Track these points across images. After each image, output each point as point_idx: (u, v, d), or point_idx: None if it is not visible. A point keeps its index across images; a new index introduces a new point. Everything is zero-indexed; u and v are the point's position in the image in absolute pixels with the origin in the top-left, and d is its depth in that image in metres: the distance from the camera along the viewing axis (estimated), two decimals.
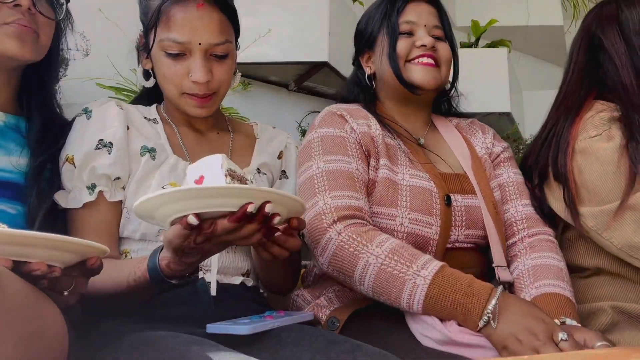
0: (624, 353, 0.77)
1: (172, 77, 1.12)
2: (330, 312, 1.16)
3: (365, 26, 1.38)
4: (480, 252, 1.25)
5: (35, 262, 0.73)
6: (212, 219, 0.81)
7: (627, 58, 1.26)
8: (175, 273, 0.92)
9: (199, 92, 1.11)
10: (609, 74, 1.28)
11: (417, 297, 1.00)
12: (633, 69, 1.25)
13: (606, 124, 1.20)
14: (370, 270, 1.04)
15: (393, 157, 1.23)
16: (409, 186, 1.19)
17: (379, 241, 1.06)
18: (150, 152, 1.14)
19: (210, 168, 0.83)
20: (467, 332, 0.98)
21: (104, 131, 1.11)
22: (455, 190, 1.23)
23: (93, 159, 1.09)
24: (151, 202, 0.82)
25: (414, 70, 1.28)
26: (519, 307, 0.97)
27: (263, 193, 0.82)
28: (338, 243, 1.07)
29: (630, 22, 1.28)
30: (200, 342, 0.88)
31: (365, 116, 1.27)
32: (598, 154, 1.18)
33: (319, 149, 1.21)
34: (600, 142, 1.18)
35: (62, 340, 0.80)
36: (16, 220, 1.04)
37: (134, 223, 1.10)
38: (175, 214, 0.82)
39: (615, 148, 1.16)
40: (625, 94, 1.23)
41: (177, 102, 1.15)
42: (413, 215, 1.17)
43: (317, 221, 1.11)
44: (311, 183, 1.17)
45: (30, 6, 1.05)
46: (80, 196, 1.09)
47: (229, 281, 1.14)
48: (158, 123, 1.20)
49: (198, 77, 1.09)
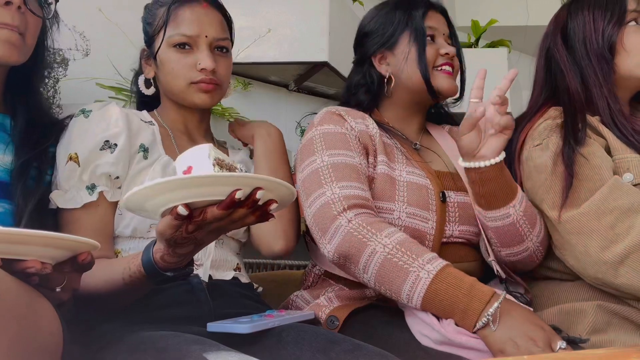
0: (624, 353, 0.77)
1: (180, 69, 1.19)
2: (329, 311, 1.16)
3: (382, 26, 1.34)
4: (476, 247, 1.27)
5: (29, 260, 0.73)
6: (202, 208, 0.82)
7: (571, 64, 1.28)
8: (170, 265, 0.91)
9: (206, 78, 1.19)
10: (558, 79, 1.31)
11: (419, 289, 1.01)
12: (577, 76, 1.27)
13: (548, 132, 1.21)
14: (375, 259, 1.05)
15: (390, 154, 1.25)
16: (406, 182, 1.20)
17: (388, 232, 1.07)
18: (144, 152, 1.16)
19: (198, 158, 0.83)
20: (464, 334, 0.98)
21: (108, 131, 1.13)
22: (449, 188, 1.25)
23: (97, 159, 1.10)
24: (140, 194, 0.82)
25: (440, 77, 1.29)
26: (519, 313, 0.97)
27: (250, 180, 0.82)
28: (348, 230, 1.08)
29: (576, 28, 1.30)
30: (201, 342, 0.89)
31: (362, 116, 1.28)
32: (535, 162, 1.20)
33: (322, 144, 1.21)
34: (538, 151, 1.20)
35: (57, 338, 0.80)
36: (4, 218, 1.03)
37: (125, 219, 1.11)
38: (165, 205, 0.82)
39: (550, 157, 1.17)
40: (569, 100, 1.25)
41: (184, 94, 1.21)
42: (410, 210, 1.18)
43: (326, 210, 1.11)
44: (316, 175, 1.17)
45: (21, 4, 1.05)
46: (80, 196, 1.09)
47: (221, 277, 1.15)
48: (154, 125, 1.23)
49: (207, 64, 1.18)
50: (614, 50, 1.26)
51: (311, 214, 1.14)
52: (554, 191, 1.16)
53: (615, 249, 1.06)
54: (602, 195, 1.11)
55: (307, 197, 1.17)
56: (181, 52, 1.20)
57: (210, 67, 1.18)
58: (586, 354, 0.85)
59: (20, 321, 0.70)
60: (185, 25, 1.19)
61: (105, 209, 1.11)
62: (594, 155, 1.16)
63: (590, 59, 1.27)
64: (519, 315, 0.97)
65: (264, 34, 1.83)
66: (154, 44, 1.23)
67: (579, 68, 1.28)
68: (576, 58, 1.29)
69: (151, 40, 1.24)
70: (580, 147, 1.16)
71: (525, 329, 0.94)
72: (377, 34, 1.35)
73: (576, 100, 1.25)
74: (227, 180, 0.81)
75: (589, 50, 1.27)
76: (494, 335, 0.95)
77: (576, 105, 1.24)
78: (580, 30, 1.30)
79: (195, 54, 1.20)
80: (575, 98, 1.25)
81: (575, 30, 1.31)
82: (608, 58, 1.25)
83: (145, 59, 1.27)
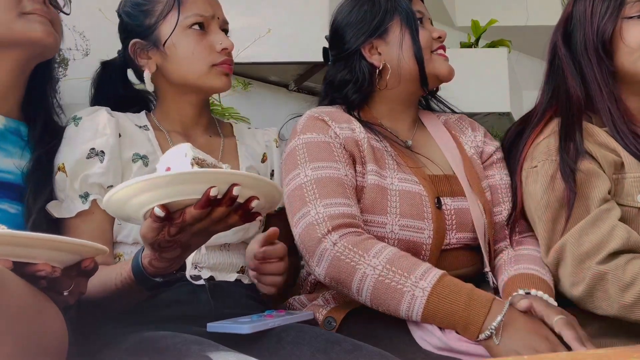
0: (624, 353, 0.77)
1: (201, 50, 1.17)
2: (327, 311, 1.15)
3: (367, 15, 1.28)
4: (474, 250, 1.24)
5: (40, 264, 0.73)
6: (181, 209, 0.80)
7: (571, 63, 1.21)
8: (159, 271, 0.90)
9: (228, 59, 1.18)
10: (559, 79, 1.24)
11: (416, 308, 0.99)
12: (577, 76, 1.20)
13: (546, 155, 1.17)
14: (367, 282, 1.03)
15: (380, 160, 1.20)
16: (398, 191, 1.16)
17: (375, 251, 1.04)
18: (143, 159, 1.14)
19: (176, 158, 0.82)
20: (465, 341, 0.98)
21: (94, 140, 1.11)
22: (444, 193, 1.21)
23: (85, 168, 1.09)
24: (115, 198, 0.81)
25: (438, 60, 1.25)
26: (524, 324, 0.96)
27: (225, 175, 0.80)
28: (334, 254, 1.05)
29: (577, 20, 1.22)
30: (200, 342, 0.88)
31: (348, 120, 1.22)
32: (528, 188, 1.19)
33: (305, 156, 1.17)
34: (533, 175, 1.18)
35: (62, 341, 0.80)
36: (16, 219, 1.04)
37: (126, 229, 1.10)
38: (143, 207, 0.81)
39: (540, 187, 1.15)
40: (567, 104, 1.19)
41: (204, 78, 1.18)
42: (403, 222, 1.15)
43: (311, 231, 1.09)
44: (300, 192, 1.13)
45: (232, 48, 1.17)
46: (74, 205, 1.09)
47: (224, 278, 1.14)
48: (149, 130, 1.20)
49: (228, 43, 1.18)
50: (614, 46, 1.16)
51: (297, 234, 1.12)
52: (542, 223, 1.16)
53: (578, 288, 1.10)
54: (581, 228, 1.10)
55: (292, 215, 1.14)
56: (199, 33, 1.17)
57: (231, 46, 1.17)
58: (586, 354, 0.85)
59: (27, 323, 0.71)
60: (200, 6, 1.18)
61: (101, 215, 1.09)
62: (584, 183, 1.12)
63: (589, 55, 1.18)
64: (524, 326, 0.95)
65: (264, 34, 1.83)
66: (156, 32, 1.18)
67: (579, 66, 1.20)
68: (576, 55, 1.20)
69: (150, 29, 1.18)
70: (575, 164, 1.12)
71: (529, 340, 0.93)
72: (363, 23, 1.28)
73: (574, 104, 1.18)
74: (200, 177, 0.78)
75: (587, 46, 1.18)
76: (498, 347, 0.94)
77: (574, 111, 1.18)
78: (580, 23, 1.20)
79: (211, 35, 1.18)
80: (574, 101, 1.18)
81: (575, 23, 1.22)
82: (606, 54, 1.16)
83: (141, 52, 1.21)
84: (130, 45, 1.22)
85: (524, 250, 1.22)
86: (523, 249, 1.23)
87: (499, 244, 1.28)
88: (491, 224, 1.24)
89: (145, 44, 1.20)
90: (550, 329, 0.96)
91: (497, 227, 1.27)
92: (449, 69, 1.26)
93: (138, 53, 1.22)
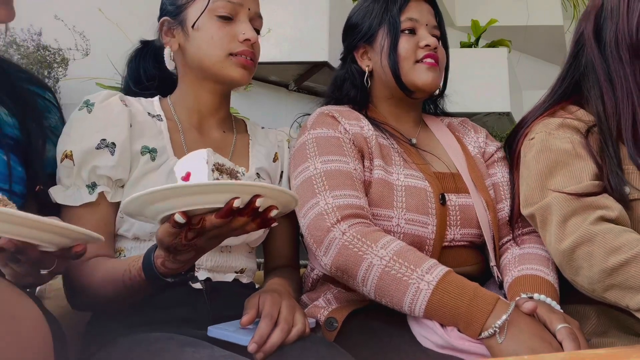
0: (624, 353, 0.77)
1: (221, 37, 1.15)
2: (328, 312, 1.15)
3: (363, 19, 1.32)
4: (477, 249, 1.25)
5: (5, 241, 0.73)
6: (200, 215, 0.81)
7: (600, 61, 1.09)
8: (171, 271, 0.91)
9: (247, 50, 1.16)
10: (581, 77, 1.16)
11: (420, 301, 1.00)
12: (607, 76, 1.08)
13: (545, 126, 1.13)
14: (373, 272, 1.03)
15: (387, 157, 1.22)
16: (404, 186, 1.18)
17: (383, 242, 1.05)
18: (151, 153, 1.12)
19: (196, 164, 0.82)
20: (467, 339, 0.97)
21: (106, 130, 1.09)
22: (449, 190, 1.22)
23: (94, 158, 1.07)
24: (138, 201, 0.81)
25: (418, 70, 1.25)
26: (527, 326, 0.95)
27: (248, 187, 0.80)
28: (342, 243, 1.06)
29: (609, 13, 1.08)
30: (194, 344, 0.88)
31: (356, 117, 1.25)
32: (525, 159, 1.17)
33: (315, 150, 1.19)
34: (529, 147, 1.16)
35: (41, 338, 0.76)
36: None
37: (127, 222, 1.09)
38: (164, 212, 0.81)
39: (533, 155, 1.12)
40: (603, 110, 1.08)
41: (220, 65, 1.16)
42: (409, 216, 1.16)
43: (320, 221, 1.10)
44: (309, 184, 1.15)
45: (255, 41, 1.17)
46: (79, 195, 1.07)
47: (222, 279, 1.14)
48: (162, 120, 1.18)
49: (250, 34, 1.15)
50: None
51: (305, 224, 1.12)
52: (530, 178, 1.13)
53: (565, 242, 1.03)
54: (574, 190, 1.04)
55: (300, 207, 1.14)
56: (223, 21, 1.16)
57: (254, 38, 1.16)
58: (586, 354, 0.85)
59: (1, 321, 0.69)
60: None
61: (107, 208, 1.08)
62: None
63: (621, 56, 1.04)
64: (527, 329, 0.95)
65: (264, 34, 1.83)
66: (184, 13, 1.18)
67: (607, 66, 1.08)
68: (605, 53, 1.07)
69: (180, 9, 1.19)
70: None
71: (532, 343, 0.92)
72: (359, 26, 1.32)
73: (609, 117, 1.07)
74: (224, 188, 0.79)
75: (619, 45, 1.04)
76: (500, 347, 0.93)
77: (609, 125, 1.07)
78: (612, 17, 1.05)
79: (236, 25, 1.16)
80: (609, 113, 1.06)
81: (607, 16, 1.07)
82: None
83: (167, 30, 1.21)
84: (160, 22, 1.23)
85: (528, 249, 1.22)
86: (527, 247, 1.23)
87: (503, 240, 1.28)
88: (495, 221, 1.25)
89: (173, 22, 1.20)
90: (552, 334, 0.96)
91: (500, 224, 1.28)
92: (430, 79, 1.25)
93: (165, 30, 1.22)
